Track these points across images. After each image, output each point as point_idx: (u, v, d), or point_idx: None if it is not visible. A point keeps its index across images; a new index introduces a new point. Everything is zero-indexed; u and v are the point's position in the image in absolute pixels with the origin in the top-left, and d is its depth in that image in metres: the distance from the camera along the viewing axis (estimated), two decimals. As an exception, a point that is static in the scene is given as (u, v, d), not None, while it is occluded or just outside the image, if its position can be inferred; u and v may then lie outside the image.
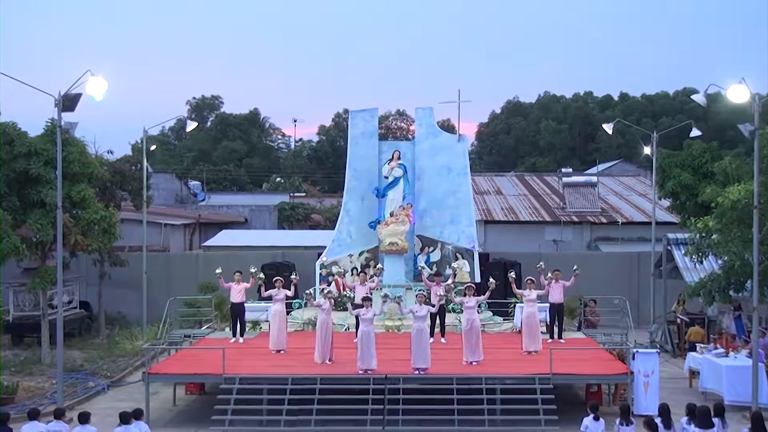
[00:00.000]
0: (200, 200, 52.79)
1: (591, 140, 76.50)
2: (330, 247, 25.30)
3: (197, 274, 28.84)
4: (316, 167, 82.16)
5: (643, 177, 46.22)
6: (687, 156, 25.64)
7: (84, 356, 22.86)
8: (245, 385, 15.92)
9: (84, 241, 22.24)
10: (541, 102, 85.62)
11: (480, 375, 16.05)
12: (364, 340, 16.20)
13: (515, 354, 18.34)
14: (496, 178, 47.46)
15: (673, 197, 25.94)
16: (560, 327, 20.19)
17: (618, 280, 28.79)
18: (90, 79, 16.01)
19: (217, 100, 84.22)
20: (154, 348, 19.44)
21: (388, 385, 15.70)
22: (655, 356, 16.87)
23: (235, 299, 20.15)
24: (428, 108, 26.50)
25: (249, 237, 36.93)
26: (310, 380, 15.95)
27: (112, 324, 27.79)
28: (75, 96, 16.02)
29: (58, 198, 16.91)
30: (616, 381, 16.95)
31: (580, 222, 36.50)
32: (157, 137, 79.24)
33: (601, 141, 73.02)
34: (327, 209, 47.79)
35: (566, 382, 16.79)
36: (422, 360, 16.12)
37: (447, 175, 25.65)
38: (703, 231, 18.60)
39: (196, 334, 21.89)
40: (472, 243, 25.09)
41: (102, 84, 16.13)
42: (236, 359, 17.32)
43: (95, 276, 27.32)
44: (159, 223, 35.48)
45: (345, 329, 21.02)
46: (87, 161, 22.54)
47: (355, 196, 25.62)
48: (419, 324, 16.33)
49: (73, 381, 19.52)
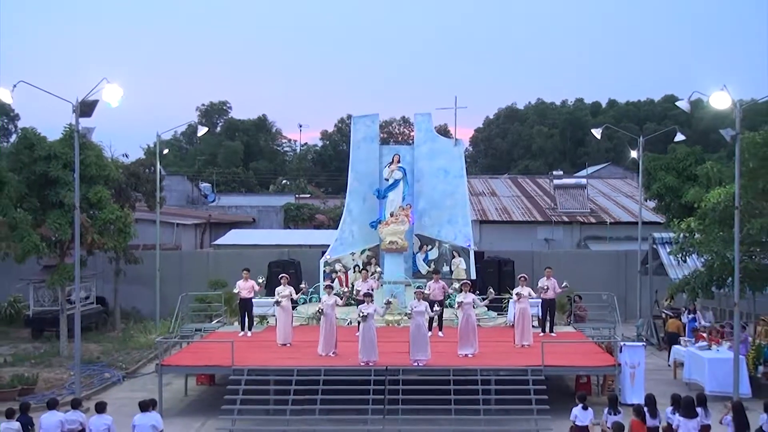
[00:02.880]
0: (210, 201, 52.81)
1: (581, 144, 76.47)
2: (333, 245, 25.30)
3: (208, 271, 28.88)
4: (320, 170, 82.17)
5: (630, 179, 46.22)
6: (671, 159, 25.67)
7: (100, 349, 22.88)
8: (253, 376, 15.91)
9: (100, 240, 22.25)
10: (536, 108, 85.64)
11: (475, 367, 16.06)
12: (366, 333, 16.21)
13: (509, 347, 18.33)
14: (491, 180, 47.45)
15: (659, 198, 25.97)
16: (551, 321, 20.17)
17: (606, 277, 28.81)
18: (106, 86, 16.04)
19: (225, 105, 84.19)
20: (166, 341, 19.43)
21: (388, 376, 15.71)
22: (641, 349, 16.88)
23: (244, 295, 20.15)
24: (426, 114, 26.49)
25: (257, 236, 36.94)
26: (314, 371, 15.95)
27: (127, 318, 27.82)
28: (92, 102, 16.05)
29: (76, 199, 16.94)
30: (604, 372, 16.96)
31: (571, 222, 36.51)
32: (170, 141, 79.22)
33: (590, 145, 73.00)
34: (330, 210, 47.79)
35: (557, 373, 16.80)
36: (421, 353, 16.13)
37: (444, 177, 25.64)
38: (687, 231, 18.63)
39: (207, 328, 21.91)
40: (468, 242, 25.09)
41: (118, 91, 16.15)
42: (244, 352, 17.32)
43: (111, 273, 27.35)
44: (171, 222, 35.48)
45: (347, 323, 21.02)
46: (103, 164, 22.58)
47: (357, 197, 25.62)
48: (418, 319, 16.34)
49: (89, 372, 19.53)
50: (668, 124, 44.15)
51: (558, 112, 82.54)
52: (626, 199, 40.49)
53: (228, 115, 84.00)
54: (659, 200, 26.00)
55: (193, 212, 44.05)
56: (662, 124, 58.42)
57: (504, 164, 78.80)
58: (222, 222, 42.14)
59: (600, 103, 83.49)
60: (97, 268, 27.80)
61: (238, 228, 40.40)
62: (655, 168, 25.67)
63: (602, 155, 69.53)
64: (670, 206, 25.24)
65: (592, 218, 36.76)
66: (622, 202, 39.88)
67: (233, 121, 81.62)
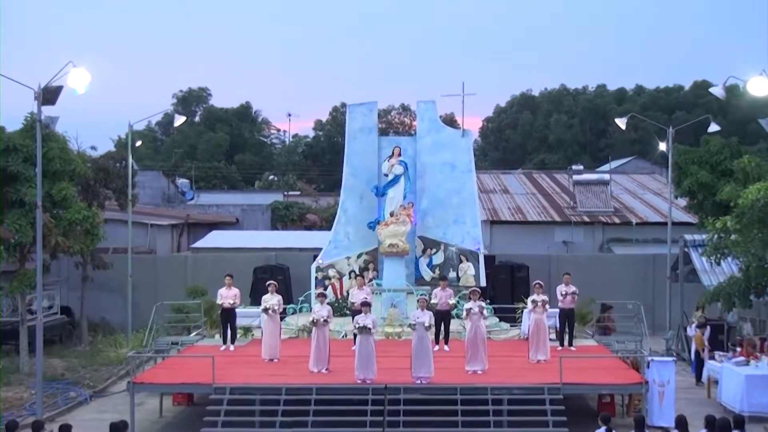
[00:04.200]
0: (188, 199, 52.85)
1: (603, 136, 76.50)
2: (326, 249, 25.30)
3: (185, 277, 28.85)
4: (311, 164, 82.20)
5: (658, 174, 46.27)
6: (704, 152, 25.65)
7: (65, 365, 22.85)
8: (236, 395, 15.90)
9: (65, 243, 22.23)
10: (551, 95, 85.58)
11: (485, 385, 16.05)
12: (363, 347, 16.19)
13: (523, 362, 18.33)
14: (503, 175, 47.50)
15: (690, 196, 25.96)
16: (571, 334, 20.19)
17: (632, 284, 28.82)
18: (72, 70, 16.02)
19: (204, 92, 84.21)
20: (139, 356, 19.40)
21: (388, 396, 15.69)
22: (671, 365, 16.86)
23: (226, 304, 20.13)
24: (430, 101, 26.50)
25: (240, 238, 36.91)
26: (305, 390, 15.94)
27: (95, 330, 27.80)
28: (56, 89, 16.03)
29: (38, 197, 16.92)
30: (629, 391, 16.96)
31: (592, 222, 36.54)
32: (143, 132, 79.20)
33: (613, 136, 73.03)
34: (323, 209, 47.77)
35: (577, 392, 16.80)
36: (424, 369, 16.12)
37: (450, 172, 25.66)
38: (722, 231, 18.61)
39: (184, 341, 21.89)
40: (477, 245, 25.10)
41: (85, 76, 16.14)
42: (227, 368, 17.30)
43: (77, 280, 27.33)
44: (145, 223, 35.47)
45: (342, 336, 21.01)
46: (68, 158, 22.55)
47: (353, 195, 25.63)
48: (421, 331, 16.32)
49: (53, 391, 19.51)
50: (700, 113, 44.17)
51: (578, 99, 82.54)
52: (654, 197, 40.55)
53: (208, 102, 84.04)
54: (691, 198, 25.99)
55: (169, 212, 44.05)
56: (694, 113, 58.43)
57: (517, 158, 78.85)
58: (202, 222, 42.14)
59: (625, 90, 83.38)
60: (62, 275, 27.76)
61: (220, 229, 40.39)
62: (686, 162, 25.66)
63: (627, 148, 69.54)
64: (703, 205, 25.22)
65: (616, 218, 36.80)
66: (650, 200, 39.95)
67: (214, 110, 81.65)
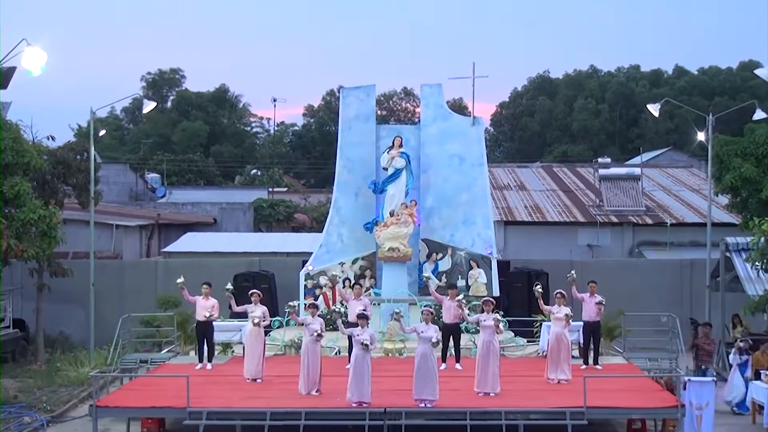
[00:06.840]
0: (159, 196, 52.94)
1: (634, 124, 76.64)
2: (317, 253, 25.36)
3: (156, 286, 28.86)
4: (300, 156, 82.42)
5: (696, 169, 46.32)
6: (749, 143, 25.69)
7: (18, 386, 22.86)
8: (214, 420, 15.94)
9: (18, 247, 22.24)
10: (576, 78, 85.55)
11: (499, 408, 16.07)
12: (357, 365, 16.24)
13: (541, 383, 18.39)
14: (519, 169, 47.54)
15: (733, 193, 26.00)
16: (596, 350, 20.25)
17: (666, 293, 28.84)
18: (26, 50, 16.07)
19: (177, 74, 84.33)
20: (103, 375, 19.43)
21: (387, 421, 15.74)
22: (710, 385, 16.92)
23: (202, 317, 20.16)
24: (436, 85, 26.55)
25: (219, 241, 36.98)
26: (292, 415, 15.97)
27: (53, 347, 27.79)
28: (8, 70, 16.12)
29: (-12, 194, 16.96)
30: (663, 415, 16.97)
31: (621, 223, 36.57)
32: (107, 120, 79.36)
33: (646, 125, 73.15)
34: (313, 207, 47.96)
35: (603, 416, 16.87)
36: (428, 390, 16.16)
37: (459, 165, 25.71)
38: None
39: (155, 358, 21.92)
40: (490, 248, 25.15)
41: (40, 56, 16.21)
42: (203, 389, 17.35)
43: (32, 289, 27.31)
44: (110, 224, 35.51)
45: (335, 353, 21.04)
46: (22, 149, 22.56)
47: (348, 192, 25.68)
48: (424, 347, 16.37)
49: (5, 416, 19.52)
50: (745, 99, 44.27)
51: (606, 82, 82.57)
52: (691, 194, 40.58)
53: (181, 86, 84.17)
54: (734, 195, 26.04)
55: (137, 211, 44.11)
56: (738, 99, 58.56)
57: (535, 149, 79.05)
58: (174, 223, 42.22)
59: (661, 71, 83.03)
60: (15, 283, 27.77)
61: (195, 231, 40.46)
62: (728, 154, 25.70)
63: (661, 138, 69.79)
64: (747, 203, 25.29)
65: (648, 219, 36.84)
66: (687, 198, 39.98)
67: (188, 95, 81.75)
